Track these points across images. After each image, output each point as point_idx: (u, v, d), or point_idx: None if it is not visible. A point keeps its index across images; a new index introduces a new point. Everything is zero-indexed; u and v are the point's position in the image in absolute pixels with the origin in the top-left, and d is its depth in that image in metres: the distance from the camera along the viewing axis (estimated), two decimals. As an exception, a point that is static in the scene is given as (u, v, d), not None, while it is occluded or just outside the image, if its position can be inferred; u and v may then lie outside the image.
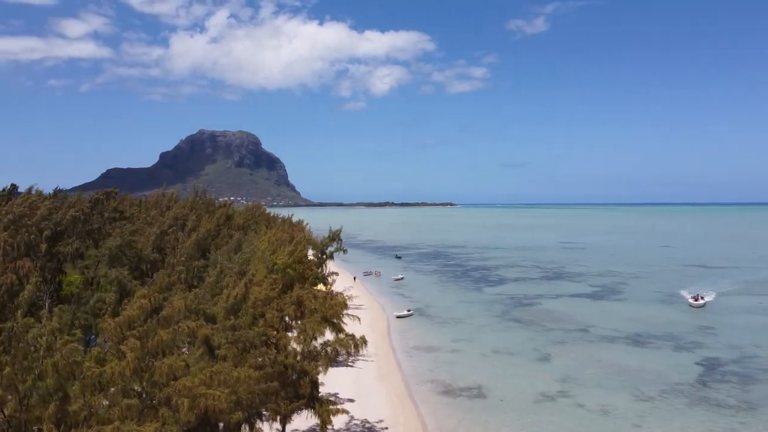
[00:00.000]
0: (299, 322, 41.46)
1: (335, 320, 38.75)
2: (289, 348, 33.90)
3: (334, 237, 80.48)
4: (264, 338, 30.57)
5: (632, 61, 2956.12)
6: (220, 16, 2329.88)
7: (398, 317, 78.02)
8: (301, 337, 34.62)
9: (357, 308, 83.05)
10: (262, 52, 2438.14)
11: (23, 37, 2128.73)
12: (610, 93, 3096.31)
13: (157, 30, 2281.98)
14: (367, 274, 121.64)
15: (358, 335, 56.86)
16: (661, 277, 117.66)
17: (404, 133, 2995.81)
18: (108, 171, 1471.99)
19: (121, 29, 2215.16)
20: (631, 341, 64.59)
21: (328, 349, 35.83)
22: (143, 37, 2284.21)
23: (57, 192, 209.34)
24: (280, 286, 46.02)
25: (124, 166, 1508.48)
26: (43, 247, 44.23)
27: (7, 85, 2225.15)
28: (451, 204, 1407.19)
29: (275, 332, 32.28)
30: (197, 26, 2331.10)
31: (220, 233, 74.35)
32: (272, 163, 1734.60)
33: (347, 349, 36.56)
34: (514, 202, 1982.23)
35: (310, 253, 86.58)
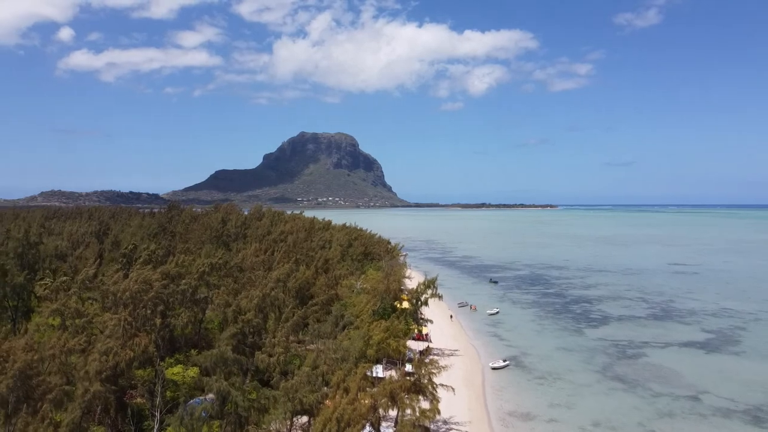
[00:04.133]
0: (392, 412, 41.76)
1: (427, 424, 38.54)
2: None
3: (430, 284, 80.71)
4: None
5: (750, 56, 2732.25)
6: (322, 22, 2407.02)
7: (494, 368, 76.41)
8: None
9: (452, 353, 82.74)
10: (361, 54, 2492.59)
11: (144, 49, 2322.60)
12: (726, 89, 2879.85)
13: (263, 37, 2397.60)
14: (462, 305, 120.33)
15: (454, 391, 56.31)
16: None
17: (503, 132, 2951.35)
18: (216, 172, 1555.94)
19: (232, 38, 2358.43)
20: (750, 418, 59.37)
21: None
22: (252, 45, 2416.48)
23: (172, 206, 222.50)
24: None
25: (231, 168, 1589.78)
26: (158, 321, 47.24)
27: (129, 92, 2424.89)
28: (551, 206, 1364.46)
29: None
30: (301, 32, 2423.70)
31: (317, 281, 76.01)
32: (369, 164, 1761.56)
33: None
34: (619, 203, 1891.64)
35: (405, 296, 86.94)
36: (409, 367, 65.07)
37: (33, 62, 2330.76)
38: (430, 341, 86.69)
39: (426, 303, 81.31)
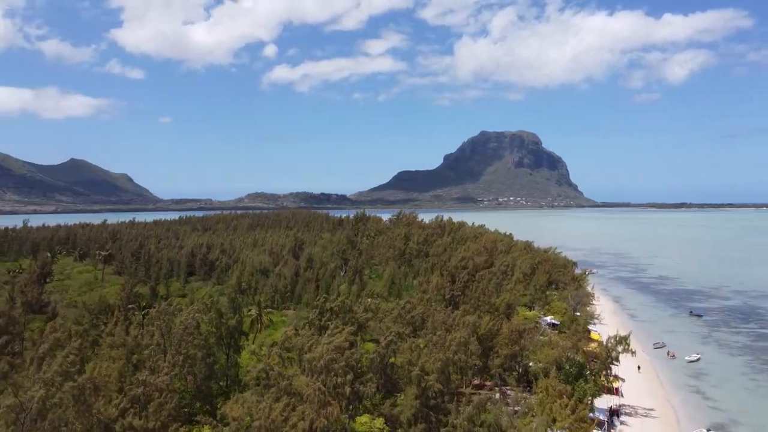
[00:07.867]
0: None
1: None
2: None
3: (621, 341, 76.03)
4: None
5: None
6: (504, 18, 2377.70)
7: (695, 440, 69.08)
8: None
9: (646, 414, 76.31)
10: (545, 48, 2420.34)
11: (335, 59, 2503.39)
12: None
13: (445, 39, 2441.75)
14: (657, 346, 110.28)
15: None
16: None
17: (707, 123, 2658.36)
18: (399, 173, 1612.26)
19: (416, 43, 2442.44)
20: None
21: None
22: (435, 48, 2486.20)
23: (358, 217, 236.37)
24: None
25: (413, 169, 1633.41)
26: (347, 390, 50.22)
27: (320, 100, 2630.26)
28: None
29: None
30: (482, 31, 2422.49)
31: (501, 328, 75.20)
32: (553, 162, 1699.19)
33: None
34: None
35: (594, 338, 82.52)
36: (597, 433, 61.65)
37: (243, 78, 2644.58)
38: (622, 395, 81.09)
39: (617, 359, 76.34)
